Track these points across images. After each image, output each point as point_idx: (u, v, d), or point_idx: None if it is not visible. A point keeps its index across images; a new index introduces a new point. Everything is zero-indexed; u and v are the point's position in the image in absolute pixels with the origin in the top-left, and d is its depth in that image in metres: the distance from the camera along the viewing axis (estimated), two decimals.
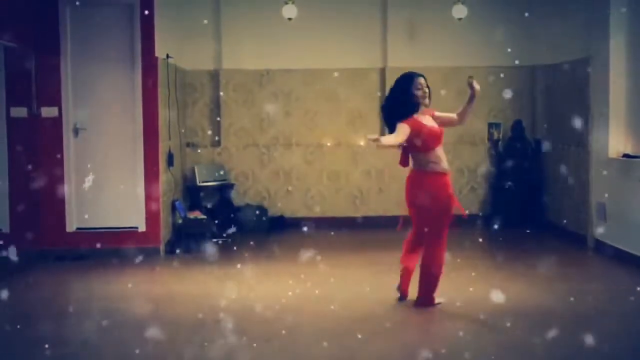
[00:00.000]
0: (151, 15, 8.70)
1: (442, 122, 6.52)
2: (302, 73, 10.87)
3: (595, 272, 8.02)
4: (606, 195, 8.59)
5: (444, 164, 6.40)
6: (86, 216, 8.74)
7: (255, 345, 5.50)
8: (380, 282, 7.38)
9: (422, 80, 6.45)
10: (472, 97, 6.45)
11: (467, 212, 6.98)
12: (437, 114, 6.54)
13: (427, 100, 6.44)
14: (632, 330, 5.91)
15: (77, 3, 8.62)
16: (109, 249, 8.61)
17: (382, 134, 10.90)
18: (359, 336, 5.79)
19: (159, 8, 8.86)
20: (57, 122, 8.70)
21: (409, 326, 6.09)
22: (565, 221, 9.85)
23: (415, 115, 6.35)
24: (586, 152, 9.09)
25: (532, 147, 10.73)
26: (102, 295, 7.10)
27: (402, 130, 6.20)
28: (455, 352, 5.32)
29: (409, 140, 6.23)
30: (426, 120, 6.39)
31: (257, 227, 10.32)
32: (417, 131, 6.24)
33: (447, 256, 6.49)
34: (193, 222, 9.47)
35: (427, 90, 6.44)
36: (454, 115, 6.60)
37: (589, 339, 5.60)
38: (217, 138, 10.85)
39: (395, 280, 6.67)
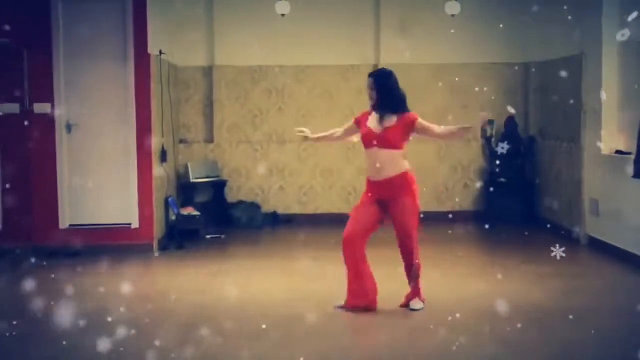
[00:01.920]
0: (144, 11, 8.69)
1: (420, 132, 6.29)
2: (295, 70, 10.84)
3: (588, 269, 8.04)
4: (599, 191, 8.61)
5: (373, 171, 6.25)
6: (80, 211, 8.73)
7: (246, 341, 5.50)
8: (376, 278, 7.36)
9: (368, 81, 6.32)
10: (468, 130, 6.23)
11: None
12: (421, 121, 6.25)
13: (371, 101, 6.26)
14: (624, 325, 5.93)
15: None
16: (102, 245, 8.57)
17: None
18: (351, 332, 5.79)
19: (152, 4, 8.84)
20: (50, 118, 8.66)
21: (402, 322, 6.06)
22: (558, 217, 9.86)
23: (372, 113, 6.37)
24: (579, 148, 9.10)
25: (526, 144, 10.73)
26: (94, 292, 7.08)
27: (345, 126, 6.61)
28: (449, 348, 5.32)
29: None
30: (378, 121, 6.26)
31: (251, 224, 10.31)
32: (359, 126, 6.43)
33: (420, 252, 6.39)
34: (186, 218, 9.46)
35: (370, 90, 6.27)
36: (435, 129, 6.26)
37: (582, 335, 5.62)
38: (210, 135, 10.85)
39: (387, 272, 6.65)
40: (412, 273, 6.26)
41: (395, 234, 6.25)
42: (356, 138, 6.66)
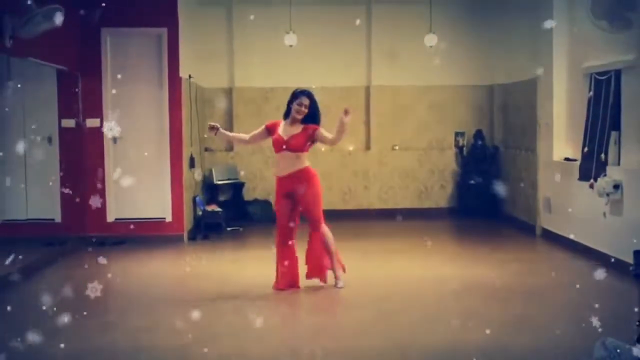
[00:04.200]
0: (176, 43, 8.78)
1: (319, 139, 6.30)
2: None
3: (542, 255, 8.11)
4: (551, 191, 8.70)
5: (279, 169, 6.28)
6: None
7: (259, 312, 5.59)
8: (367, 264, 7.47)
9: (303, 99, 6.24)
10: (341, 129, 6.10)
11: None
12: (320, 130, 6.25)
13: (298, 116, 6.18)
14: (570, 299, 6.04)
15: (116, 33, 8.72)
16: (141, 235, 8.67)
17: (367, 140, 11.07)
18: (342, 308, 5.87)
19: (183, 37, 8.94)
20: (99, 131, 8.67)
21: (384, 299, 6.13)
22: (518, 213, 9.95)
23: (284, 121, 6.34)
24: (534, 156, 9.20)
25: (491, 152, 10.87)
26: (136, 273, 7.21)
27: (253, 132, 6.41)
28: (426, 318, 5.46)
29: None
30: (287, 129, 6.25)
31: (264, 218, 10.37)
32: (271, 133, 6.30)
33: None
34: (211, 214, 9.53)
35: (302, 107, 6.19)
36: (329, 137, 6.25)
37: (535, 306, 5.74)
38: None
39: (384, 261, 6.67)
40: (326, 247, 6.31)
41: (305, 216, 6.34)
42: (264, 142, 6.47)
